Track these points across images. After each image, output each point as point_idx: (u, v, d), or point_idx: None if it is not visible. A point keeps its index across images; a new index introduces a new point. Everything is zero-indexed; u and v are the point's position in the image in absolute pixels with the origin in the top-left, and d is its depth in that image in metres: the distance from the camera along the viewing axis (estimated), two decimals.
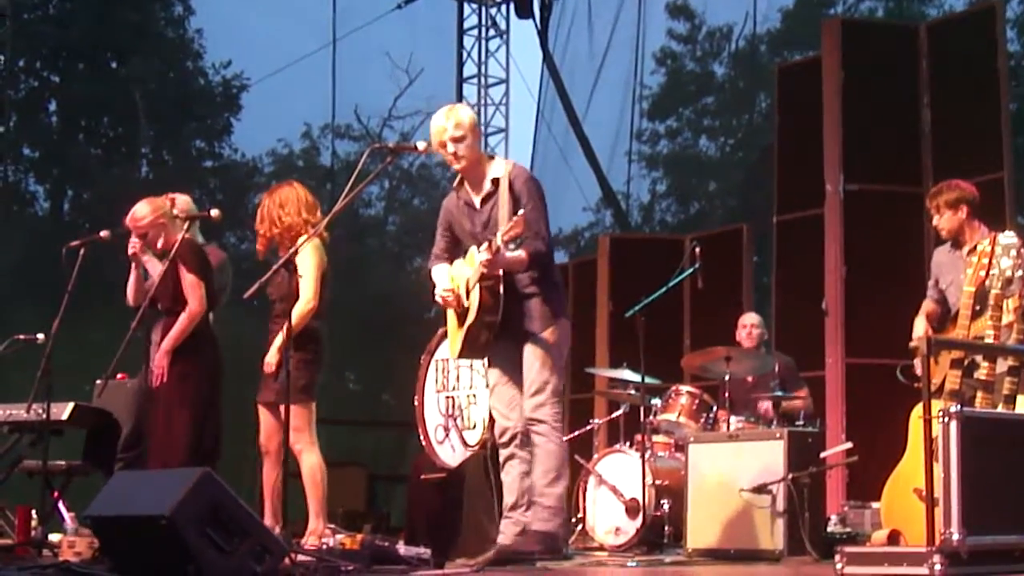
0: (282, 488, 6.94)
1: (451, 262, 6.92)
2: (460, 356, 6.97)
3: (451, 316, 6.87)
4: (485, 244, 6.43)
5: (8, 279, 16.27)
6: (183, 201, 8.20)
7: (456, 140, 6.64)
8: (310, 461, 7.53)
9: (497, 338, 6.69)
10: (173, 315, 7.50)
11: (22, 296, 15.40)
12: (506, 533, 6.70)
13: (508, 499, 6.76)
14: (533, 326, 6.63)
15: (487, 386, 7.11)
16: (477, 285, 6.56)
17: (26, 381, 7.86)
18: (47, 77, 20.17)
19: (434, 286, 6.84)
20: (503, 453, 6.84)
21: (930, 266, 7.72)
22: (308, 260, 7.49)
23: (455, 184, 6.96)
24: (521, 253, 6.46)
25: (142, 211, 7.72)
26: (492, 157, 7.00)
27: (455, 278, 6.81)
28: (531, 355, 6.63)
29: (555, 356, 6.66)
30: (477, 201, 6.76)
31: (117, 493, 5.75)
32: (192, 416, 7.38)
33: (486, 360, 6.94)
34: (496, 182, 6.61)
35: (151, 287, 7.69)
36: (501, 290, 6.55)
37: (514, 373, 6.74)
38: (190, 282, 7.50)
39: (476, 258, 6.51)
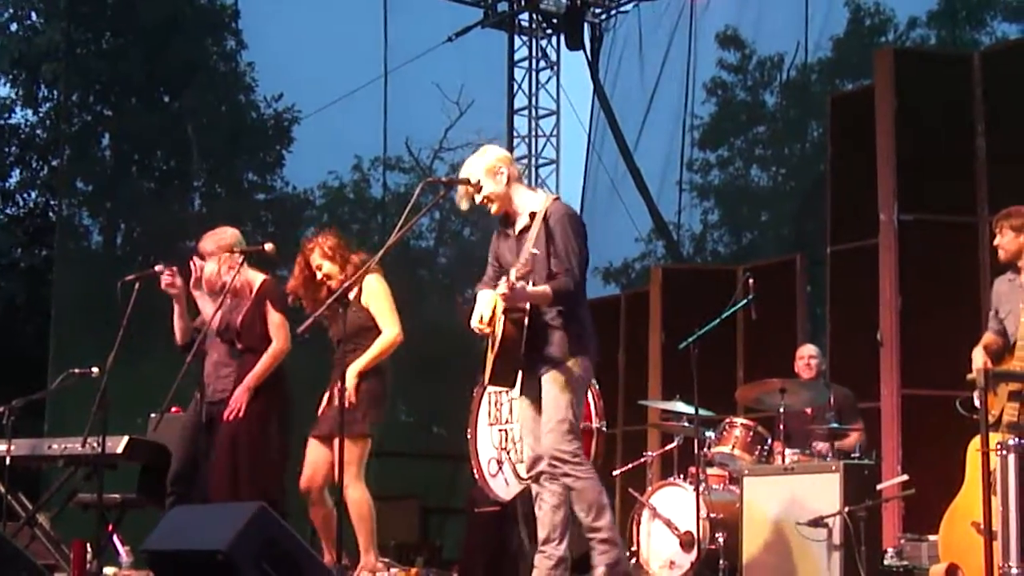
0: (338, 522, 6.93)
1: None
2: (489, 383, 6.77)
3: (488, 343, 6.72)
4: (504, 278, 6.31)
5: (62, 313, 16.36)
6: (231, 235, 8.22)
7: (477, 191, 6.61)
8: (355, 496, 7.40)
9: (524, 370, 6.55)
10: (255, 353, 7.53)
11: (76, 330, 15.48)
12: (540, 568, 6.52)
13: (541, 533, 6.57)
14: (552, 358, 6.45)
15: (517, 418, 6.97)
16: (502, 316, 6.41)
17: (81, 415, 7.91)
18: (100, 111, 20.27)
19: (471, 312, 6.72)
20: (533, 488, 6.66)
21: (987, 295, 7.66)
22: (380, 292, 7.48)
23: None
24: (546, 288, 6.33)
25: (223, 234, 7.79)
26: (535, 189, 6.95)
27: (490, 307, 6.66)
28: (549, 388, 6.46)
29: (573, 390, 6.47)
30: (515, 232, 6.69)
31: (173, 527, 5.77)
32: (259, 454, 7.41)
33: (517, 390, 6.77)
34: (533, 216, 6.49)
35: (204, 322, 7.72)
36: (526, 322, 6.38)
37: (539, 406, 6.57)
38: (277, 321, 7.55)
39: (498, 289, 6.38)
